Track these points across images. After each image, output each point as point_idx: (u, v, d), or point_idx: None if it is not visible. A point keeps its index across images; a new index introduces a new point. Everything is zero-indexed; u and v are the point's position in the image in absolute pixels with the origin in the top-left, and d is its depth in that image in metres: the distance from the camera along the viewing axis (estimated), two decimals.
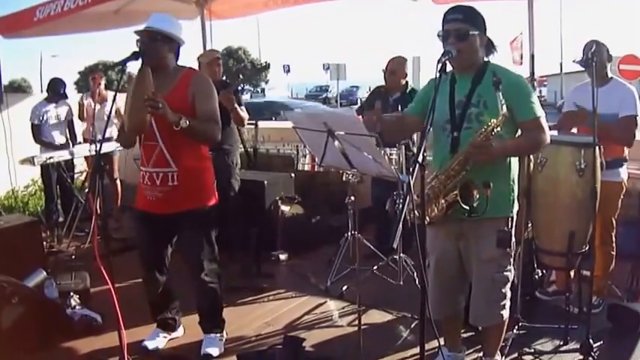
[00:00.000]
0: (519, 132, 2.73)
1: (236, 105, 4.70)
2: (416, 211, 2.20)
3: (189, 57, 4.32)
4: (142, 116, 3.09)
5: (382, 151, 3.33)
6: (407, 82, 4.93)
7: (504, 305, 2.84)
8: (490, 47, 2.75)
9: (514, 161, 2.80)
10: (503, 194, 2.70)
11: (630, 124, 3.64)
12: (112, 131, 5.91)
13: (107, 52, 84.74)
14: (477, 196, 2.57)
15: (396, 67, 4.87)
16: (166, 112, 2.98)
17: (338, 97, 31.26)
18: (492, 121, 2.54)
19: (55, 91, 6.19)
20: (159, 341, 3.61)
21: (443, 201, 2.65)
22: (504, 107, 2.52)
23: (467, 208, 2.58)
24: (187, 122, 3.05)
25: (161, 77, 3.21)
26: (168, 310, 3.64)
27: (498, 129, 2.54)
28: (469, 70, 2.71)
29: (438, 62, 2.42)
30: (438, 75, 2.40)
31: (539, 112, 2.67)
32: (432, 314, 2.22)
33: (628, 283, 4.05)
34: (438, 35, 2.66)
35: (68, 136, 6.32)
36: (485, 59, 2.76)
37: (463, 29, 2.60)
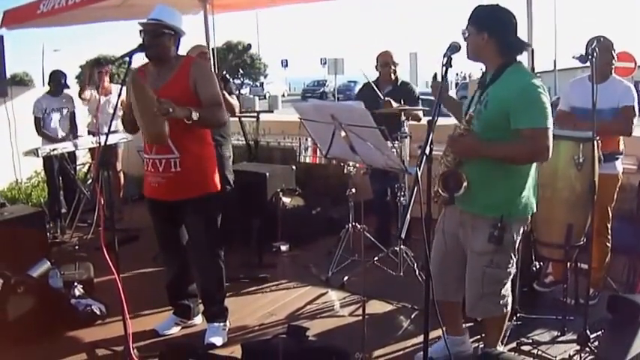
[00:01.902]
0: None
1: (225, 92, 4.72)
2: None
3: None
4: (159, 127, 3.04)
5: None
6: (397, 76, 5.05)
7: (499, 301, 2.84)
8: (508, 48, 2.65)
9: (521, 167, 2.70)
10: (496, 195, 2.69)
11: (629, 113, 3.74)
12: (117, 124, 5.92)
13: (108, 47, 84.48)
14: (464, 187, 2.62)
15: (387, 59, 5.03)
16: (176, 112, 2.98)
17: (335, 91, 31.20)
18: (469, 115, 2.60)
19: (57, 81, 6.21)
20: (171, 328, 3.66)
21: (435, 189, 2.71)
22: (480, 108, 2.61)
23: (446, 195, 2.66)
24: (197, 114, 3.07)
25: (162, 67, 3.28)
26: (184, 296, 3.69)
27: (462, 126, 2.60)
28: (491, 68, 2.72)
29: (444, 56, 2.49)
30: (444, 69, 2.45)
31: (539, 122, 2.52)
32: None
33: (624, 277, 4.12)
34: None
35: (69, 128, 6.34)
36: (515, 59, 2.69)
37: (466, 29, 2.68)
